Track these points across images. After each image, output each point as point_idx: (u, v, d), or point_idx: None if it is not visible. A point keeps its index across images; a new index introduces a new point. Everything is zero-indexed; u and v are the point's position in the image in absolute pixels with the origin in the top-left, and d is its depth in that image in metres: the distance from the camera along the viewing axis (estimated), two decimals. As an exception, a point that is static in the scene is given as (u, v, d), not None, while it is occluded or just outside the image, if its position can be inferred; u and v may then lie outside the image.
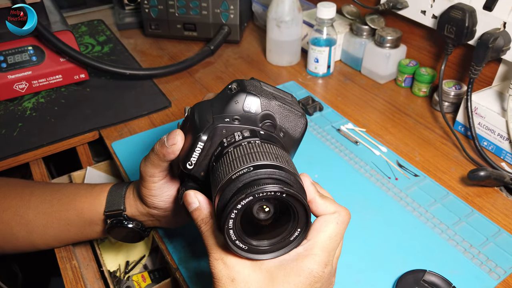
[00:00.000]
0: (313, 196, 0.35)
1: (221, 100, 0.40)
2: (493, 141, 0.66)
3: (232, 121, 0.38)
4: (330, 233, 0.34)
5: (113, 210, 0.48)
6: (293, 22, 0.85)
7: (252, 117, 0.38)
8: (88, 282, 0.55)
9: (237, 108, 0.38)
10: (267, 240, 0.33)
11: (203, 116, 0.38)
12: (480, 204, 0.58)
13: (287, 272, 0.33)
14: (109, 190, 0.50)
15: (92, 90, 0.83)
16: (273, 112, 0.39)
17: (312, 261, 0.33)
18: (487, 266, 0.50)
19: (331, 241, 0.34)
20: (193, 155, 0.37)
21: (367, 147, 0.68)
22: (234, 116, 0.38)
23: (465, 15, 0.65)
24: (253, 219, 0.33)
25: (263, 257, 0.33)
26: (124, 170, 0.64)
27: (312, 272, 0.33)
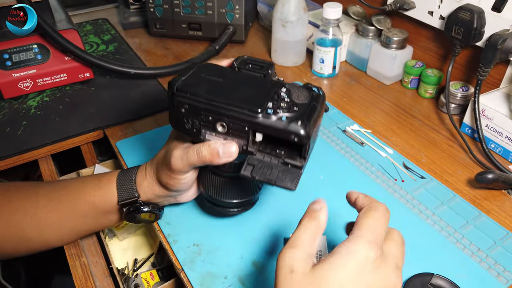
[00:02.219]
0: (357, 194, 0.38)
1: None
2: (500, 144, 0.65)
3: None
4: (369, 216, 0.35)
5: (127, 199, 0.49)
6: (298, 22, 0.84)
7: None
8: (97, 279, 0.55)
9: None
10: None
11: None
12: (488, 207, 0.57)
13: (336, 256, 0.32)
14: (117, 180, 0.50)
15: (96, 89, 0.82)
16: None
17: (359, 240, 0.33)
18: (495, 270, 0.49)
19: (377, 223, 0.34)
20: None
21: (373, 149, 0.67)
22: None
23: (473, 16, 0.65)
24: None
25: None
26: (128, 170, 0.64)
27: (359, 252, 0.32)
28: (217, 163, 0.41)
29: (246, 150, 0.41)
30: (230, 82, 0.42)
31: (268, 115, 0.38)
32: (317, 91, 0.42)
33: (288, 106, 0.39)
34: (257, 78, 0.44)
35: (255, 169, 0.40)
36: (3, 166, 0.67)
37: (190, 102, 0.41)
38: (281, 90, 0.41)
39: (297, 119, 0.38)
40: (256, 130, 0.40)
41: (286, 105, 0.39)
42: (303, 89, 0.42)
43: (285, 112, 0.39)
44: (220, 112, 0.40)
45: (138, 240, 0.65)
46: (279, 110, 0.39)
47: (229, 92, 0.41)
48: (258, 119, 0.39)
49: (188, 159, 0.43)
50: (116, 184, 0.50)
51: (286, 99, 0.40)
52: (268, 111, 0.39)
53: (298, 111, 0.39)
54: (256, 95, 0.40)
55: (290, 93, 0.41)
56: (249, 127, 0.39)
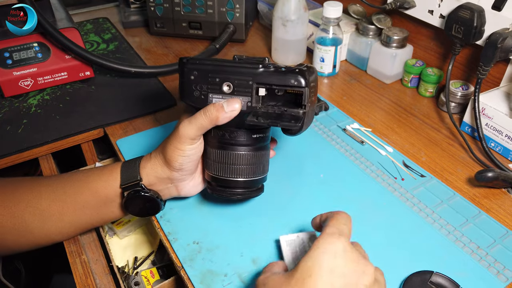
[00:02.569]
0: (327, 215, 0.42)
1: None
2: (500, 142, 0.65)
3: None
4: (336, 216, 0.40)
5: (129, 182, 0.50)
6: (299, 21, 0.84)
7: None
8: (98, 277, 0.55)
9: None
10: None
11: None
12: (488, 206, 0.58)
13: (308, 255, 0.36)
14: (122, 165, 0.51)
15: (97, 88, 0.82)
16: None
17: (325, 234, 0.37)
18: (495, 268, 0.49)
19: (341, 220, 0.39)
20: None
21: (373, 147, 0.67)
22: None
23: (473, 15, 0.65)
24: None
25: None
26: (128, 168, 0.64)
27: (328, 241, 0.36)
28: (223, 118, 0.45)
29: (250, 107, 0.46)
30: (232, 63, 0.48)
31: (269, 68, 0.46)
32: (306, 65, 0.48)
33: (285, 67, 0.46)
34: (255, 61, 0.49)
35: (260, 117, 0.46)
36: (3, 164, 0.67)
37: (199, 67, 0.47)
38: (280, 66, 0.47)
39: (295, 71, 0.45)
40: (259, 81, 0.46)
41: (284, 66, 0.46)
42: (297, 65, 0.48)
43: (284, 68, 0.46)
44: (226, 70, 0.46)
45: (138, 238, 0.65)
46: (277, 67, 0.46)
47: (233, 61, 0.48)
48: (260, 70, 0.45)
49: (196, 121, 0.46)
50: (120, 170, 0.51)
51: (281, 67, 0.47)
52: (269, 65, 0.46)
53: (293, 68, 0.46)
54: (255, 62, 0.47)
55: (287, 66, 0.47)
56: (253, 80, 0.45)
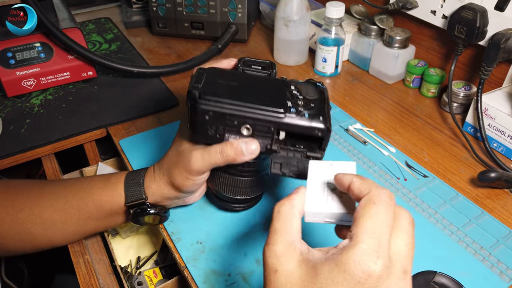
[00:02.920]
0: (350, 179, 0.33)
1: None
2: (503, 143, 0.65)
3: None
4: (371, 214, 0.29)
5: (134, 201, 0.49)
6: (301, 21, 0.84)
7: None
8: (101, 277, 0.55)
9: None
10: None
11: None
12: (490, 206, 0.58)
13: (331, 267, 0.28)
14: (125, 181, 0.50)
15: (99, 88, 0.83)
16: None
17: (359, 250, 0.27)
18: (498, 268, 0.49)
19: (377, 223, 0.28)
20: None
21: (375, 147, 0.67)
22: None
23: (476, 15, 0.65)
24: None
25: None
26: (131, 168, 0.64)
27: (360, 266, 0.27)
28: (241, 161, 0.43)
29: (270, 149, 0.43)
30: (245, 84, 0.44)
31: (292, 114, 0.41)
32: (321, 85, 0.45)
33: (305, 104, 0.42)
34: (264, 78, 0.46)
35: (283, 166, 0.42)
36: (6, 164, 0.67)
37: (214, 109, 0.41)
38: (291, 88, 0.44)
39: (318, 115, 0.41)
40: (281, 129, 0.42)
41: (303, 102, 0.42)
42: (308, 85, 0.45)
43: (305, 110, 0.41)
44: (245, 115, 0.41)
45: (141, 238, 0.66)
46: (299, 108, 0.41)
47: (249, 95, 0.42)
48: (284, 119, 0.41)
49: (210, 159, 0.44)
50: (124, 185, 0.49)
51: (300, 96, 0.43)
52: (292, 110, 0.41)
53: (314, 107, 0.42)
54: (274, 95, 0.43)
55: (300, 91, 0.44)
56: (275, 127, 0.41)
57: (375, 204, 0.30)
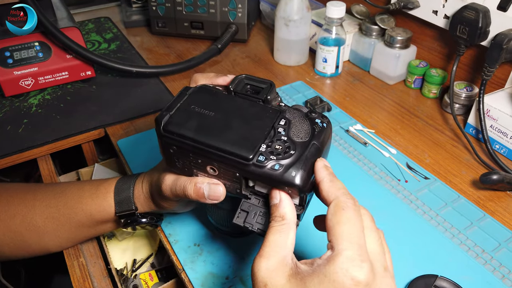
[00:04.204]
0: (322, 178, 0.33)
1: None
2: (505, 144, 0.65)
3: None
4: (343, 221, 0.30)
5: (124, 211, 0.48)
6: (301, 21, 0.84)
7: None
8: (95, 280, 0.54)
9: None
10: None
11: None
12: (492, 208, 0.57)
13: (320, 278, 0.28)
14: (115, 191, 0.48)
15: (98, 88, 0.82)
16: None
17: (344, 258, 0.28)
18: (500, 272, 0.49)
19: (353, 227, 0.29)
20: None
21: (376, 149, 0.66)
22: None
23: (478, 16, 0.64)
24: None
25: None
26: (129, 168, 0.63)
27: (348, 273, 0.27)
28: (204, 202, 0.39)
29: (240, 193, 0.38)
30: (222, 116, 0.38)
31: (260, 163, 0.34)
32: (320, 124, 0.37)
33: (284, 149, 0.35)
34: (253, 107, 0.39)
35: (248, 217, 0.37)
36: (4, 164, 0.67)
37: (177, 144, 0.37)
38: (280, 122, 0.37)
39: (292, 166, 0.34)
40: (247, 178, 0.36)
41: (282, 147, 0.35)
42: (305, 121, 0.37)
43: (279, 158, 0.34)
44: (209, 156, 0.36)
45: (137, 241, 0.65)
46: (272, 156, 0.34)
47: (219, 131, 0.36)
48: (249, 167, 0.35)
49: (176, 191, 0.41)
50: (113, 195, 0.48)
51: (283, 137, 0.36)
52: (260, 158, 0.34)
53: (294, 154, 0.35)
54: (250, 134, 0.36)
55: (289, 127, 0.37)
56: (241, 174, 0.36)
57: (344, 210, 0.30)
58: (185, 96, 0.39)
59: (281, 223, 0.32)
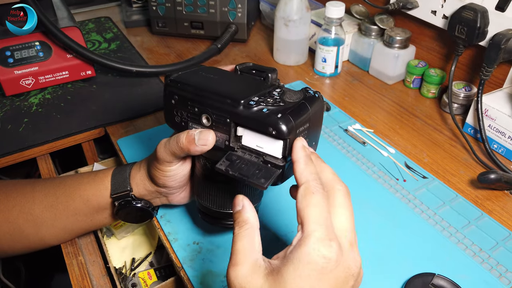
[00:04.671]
0: (298, 158, 0.34)
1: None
2: (503, 144, 0.65)
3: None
4: (313, 203, 0.31)
5: (119, 192, 0.49)
6: (301, 21, 0.84)
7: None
8: (94, 278, 0.55)
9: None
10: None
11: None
12: (490, 208, 0.57)
13: (295, 265, 0.29)
14: (112, 174, 0.50)
15: (98, 87, 0.82)
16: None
17: (314, 239, 0.29)
18: (497, 270, 0.49)
19: (320, 210, 0.31)
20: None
21: (374, 148, 0.67)
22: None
23: (477, 16, 0.64)
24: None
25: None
26: (129, 167, 0.64)
27: (320, 252, 0.29)
28: (194, 151, 0.41)
29: (228, 146, 0.40)
30: (224, 79, 0.42)
31: (250, 106, 0.37)
32: (312, 93, 0.39)
33: (273, 101, 0.37)
34: (255, 80, 0.43)
35: (231, 164, 0.38)
36: (4, 163, 0.67)
37: (179, 93, 0.41)
38: (275, 90, 0.40)
39: (278, 112, 0.36)
40: (236, 121, 0.38)
41: (272, 100, 0.38)
42: (299, 92, 0.40)
43: (269, 106, 0.37)
44: (204, 102, 0.40)
45: (136, 239, 0.65)
46: (262, 103, 0.37)
47: (218, 85, 0.41)
48: (238, 109, 0.37)
49: (169, 146, 0.43)
50: (110, 178, 0.50)
51: (276, 97, 0.39)
52: (251, 103, 0.37)
53: (283, 105, 0.37)
54: (244, 89, 0.40)
55: (283, 94, 0.39)
56: (230, 118, 0.38)
57: (313, 194, 0.32)
58: (198, 68, 0.44)
59: (245, 228, 0.33)
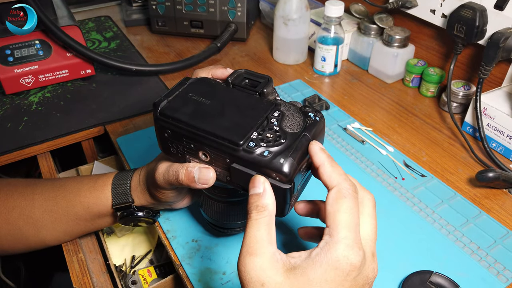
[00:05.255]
0: (322, 161, 0.33)
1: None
2: (502, 143, 0.65)
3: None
4: (345, 209, 0.30)
5: (121, 203, 0.48)
6: (300, 20, 0.84)
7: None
8: (94, 276, 0.55)
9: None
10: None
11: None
12: (488, 206, 0.57)
13: (323, 268, 0.29)
14: (112, 183, 0.49)
15: (98, 86, 0.82)
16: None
17: (344, 246, 0.29)
18: (495, 268, 0.49)
19: (352, 217, 0.30)
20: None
21: (373, 147, 0.67)
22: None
23: (475, 14, 0.65)
24: None
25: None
26: (129, 166, 0.64)
27: (349, 260, 0.29)
28: (194, 187, 0.39)
29: (229, 181, 0.38)
30: (218, 104, 0.38)
31: (250, 149, 0.35)
32: (313, 117, 0.38)
33: (274, 138, 0.35)
34: (249, 98, 0.39)
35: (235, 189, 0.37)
36: (4, 162, 0.67)
37: (172, 128, 0.38)
38: (273, 113, 0.37)
39: (281, 154, 0.34)
40: (236, 162, 0.36)
41: (273, 136, 0.36)
42: (298, 114, 0.38)
43: (269, 146, 0.35)
44: (201, 141, 0.37)
45: (136, 237, 0.65)
46: (262, 143, 0.35)
47: (213, 118, 0.37)
48: (239, 153, 0.35)
49: (168, 177, 0.41)
50: (111, 187, 0.49)
51: (275, 126, 0.36)
52: (250, 144, 0.35)
53: (284, 143, 0.35)
54: (242, 122, 0.37)
55: (282, 118, 0.37)
56: (231, 161, 0.36)
57: (346, 198, 0.31)
58: (184, 85, 0.41)
59: (264, 215, 0.31)
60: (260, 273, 0.29)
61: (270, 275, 0.29)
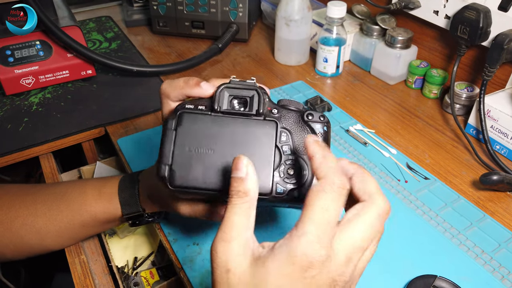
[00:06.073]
0: (313, 153, 0.31)
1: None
2: (506, 145, 0.65)
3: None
4: (320, 203, 0.28)
5: (132, 213, 0.49)
6: (302, 21, 0.84)
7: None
8: (96, 277, 0.55)
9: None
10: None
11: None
12: (492, 209, 0.57)
13: (281, 262, 0.28)
14: (119, 192, 0.49)
15: (98, 87, 0.82)
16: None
17: (305, 241, 0.27)
18: (499, 273, 0.49)
19: (325, 213, 0.28)
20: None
21: (376, 149, 0.66)
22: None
23: (479, 16, 0.64)
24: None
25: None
26: (129, 167, 0.63)
27: (307, 256, 0.27)
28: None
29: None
30: (222, 150, 0.36)
31: (279, 195, 0.35)
32: (321, 130, 0.37)
33: (296, 171, 0.35)
34: (248, 127, 0.36)
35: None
36: (4, 163, 0.67)
37: (191, 196, 0.39)
38: (282, 138, 0.36)
39: (295, 192, 0.36)
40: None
41: (294, 170, 0.36)
42: (304, 127, 0.37)
43: (295, 184, 0.35)
44: (224, 199, 0.35)
45: (138, 239, 0.65)
46: (288, 184, 0.35)
47: (227, 171, 0.35)
48: (270, 199, 0.35)
49: (196, 215, 0.44)
50: (118, 197, 0.49)
51: (290, 155, 0.36)
52: (278, 190, 0.35)
53: (308, 174, 0.36)
54: (257, 165, 0.33)
55: (292, 140, 0.36)
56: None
57: (325, 192, 0.29)
58: (172, 135, 0.36)
59: (244, 201, 0.29)
60: (230, 258, 0.28)
61: (238, 261, 0.28)
